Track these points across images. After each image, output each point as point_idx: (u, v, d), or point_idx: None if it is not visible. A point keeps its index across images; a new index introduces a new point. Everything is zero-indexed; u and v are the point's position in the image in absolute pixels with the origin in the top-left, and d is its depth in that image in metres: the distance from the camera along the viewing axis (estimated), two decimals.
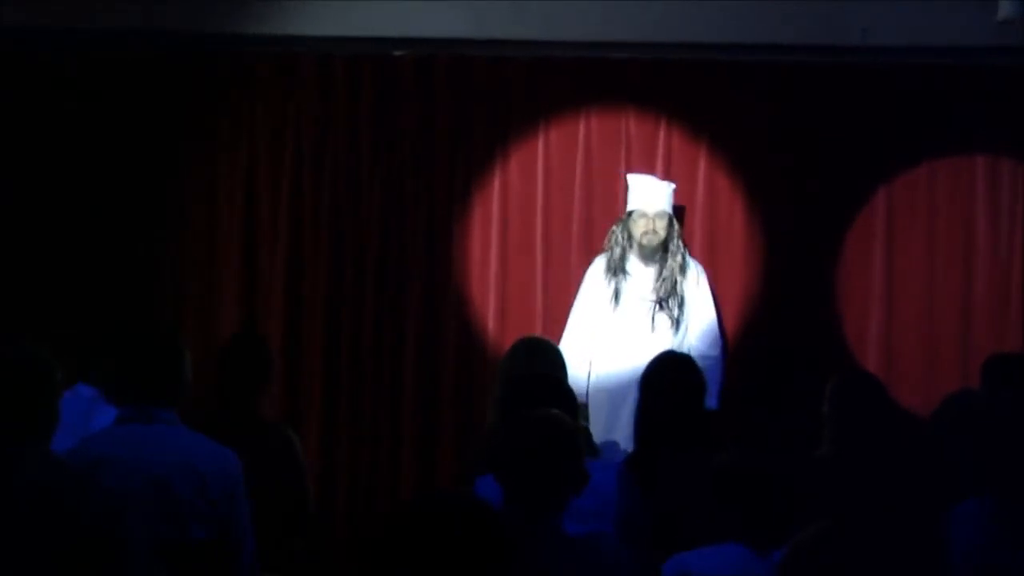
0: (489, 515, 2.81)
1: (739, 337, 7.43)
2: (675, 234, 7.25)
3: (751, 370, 7.31)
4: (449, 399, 7.48)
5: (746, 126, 7.49)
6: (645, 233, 7.19)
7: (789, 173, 7.49)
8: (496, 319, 7.50)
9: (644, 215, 7.21)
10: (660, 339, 7.06)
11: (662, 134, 7.53)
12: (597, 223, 7.47)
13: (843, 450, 5.20)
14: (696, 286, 7.25)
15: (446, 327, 7.52)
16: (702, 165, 7.51)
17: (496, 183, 7.56)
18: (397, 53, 7.57)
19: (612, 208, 7.47)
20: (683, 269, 7.23)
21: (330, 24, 7.50)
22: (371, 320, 7.55)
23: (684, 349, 6.88)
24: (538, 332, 7.18)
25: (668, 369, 5.60)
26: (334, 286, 7.56)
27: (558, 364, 6.12)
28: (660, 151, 7.52)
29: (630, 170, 7.44)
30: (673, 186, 7.31)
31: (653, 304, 7.18)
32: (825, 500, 4.19)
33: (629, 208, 7.27)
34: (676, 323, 7.16)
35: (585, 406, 6.23)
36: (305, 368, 7.53)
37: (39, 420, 3.83)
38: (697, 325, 7.21)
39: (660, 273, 7.20)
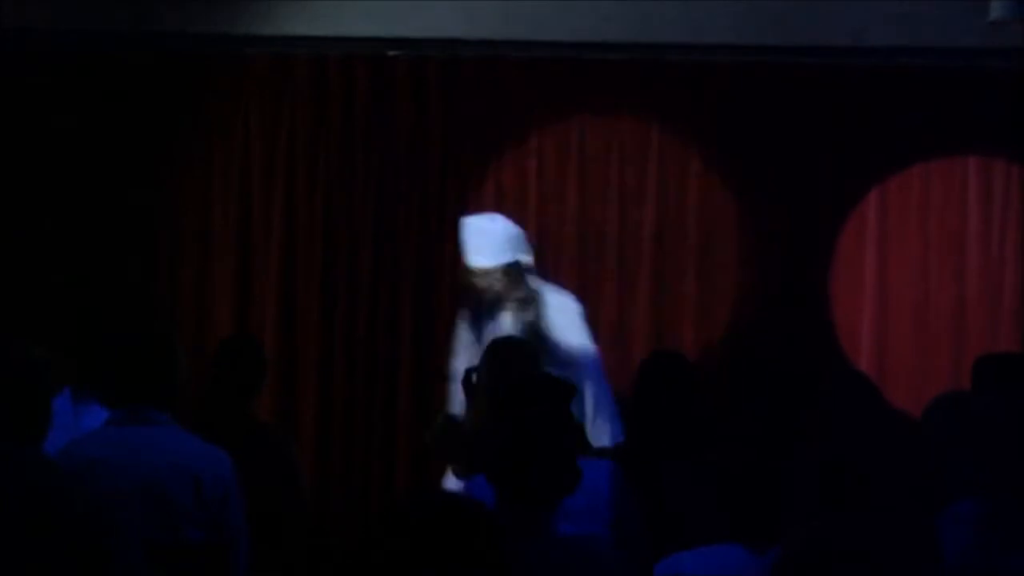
0: (484, 516, 2.82)
1: (731, 338, 7.42)
2: (516, 282, 6.83)
3: (744, 370, 7.30)
4: (444, 401, 7.46)
5: (738, 127, 7.49)
6: (477, 289, 6.86)
7: (781, 174, 7.48)
8: None
9: (470, 270, 6.88)
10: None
11: (655, 135, 7.53)
12: (590, 225, 7.46)
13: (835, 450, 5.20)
14: (557, 317, 6.85)
15: (440, 328, 7.51)
16: (694, 166, 7.51)
17: (489, 184, 7.56)
18: (391, 53, 7.57)
19: (605, 210, 7.48)
20: (535, 309, 6.82)
21: (324, 24, 7.49)
22: (365, 321, 7.54)
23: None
24: None
25: (660, 367, 5.61)
26: (328, 287, 7.55)
27: (538, 361, 6.10)
28: (653, 152, 7.52)
29: (624, 171, 7.44)
30: (509, 232, 6.91)
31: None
32: (818, 500, 4.19)
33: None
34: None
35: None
36: (300, 370, 7.52)
37: (32, 421, 3.82)
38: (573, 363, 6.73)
39: (517, 315, 6.89)
